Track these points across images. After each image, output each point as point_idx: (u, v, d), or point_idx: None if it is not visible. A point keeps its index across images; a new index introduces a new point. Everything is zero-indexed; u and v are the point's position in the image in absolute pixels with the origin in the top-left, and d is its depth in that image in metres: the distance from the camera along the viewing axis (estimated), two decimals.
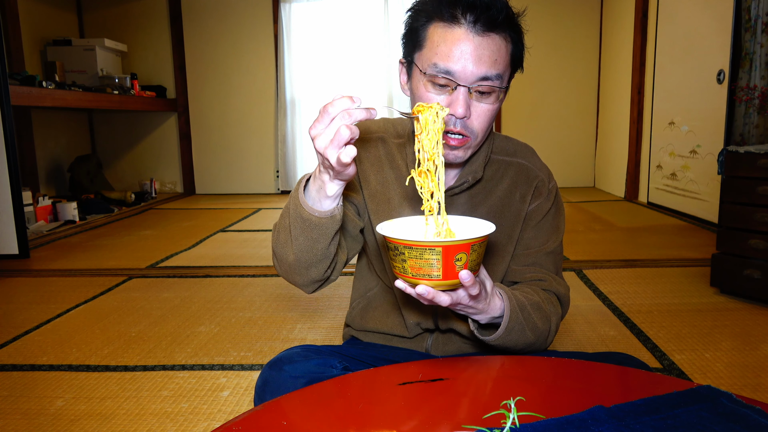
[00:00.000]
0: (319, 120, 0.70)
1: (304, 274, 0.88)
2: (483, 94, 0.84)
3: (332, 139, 0.69)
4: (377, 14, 5.37)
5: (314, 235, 0.82)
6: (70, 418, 1.46)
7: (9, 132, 2.99)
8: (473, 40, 0.81)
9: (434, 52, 0.82)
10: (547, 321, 0.92)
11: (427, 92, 0.84)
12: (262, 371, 0.89)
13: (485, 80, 0.82)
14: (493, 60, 0.82)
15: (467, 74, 0.81)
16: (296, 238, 0.83)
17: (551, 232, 1.00)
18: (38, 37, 4.91)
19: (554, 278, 0.98)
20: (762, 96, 3.06)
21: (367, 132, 1.01)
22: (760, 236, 2.11)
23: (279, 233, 0.88)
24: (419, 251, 0.67)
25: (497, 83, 0.83)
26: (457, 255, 0.67)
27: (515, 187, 0.98)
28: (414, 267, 0.69)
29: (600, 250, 3.06)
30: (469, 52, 0.81)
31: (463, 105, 0.82)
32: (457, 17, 0.81)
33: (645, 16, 4.47)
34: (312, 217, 0.80)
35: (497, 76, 0.83)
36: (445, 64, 0.81)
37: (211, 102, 5.63)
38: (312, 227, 0.81)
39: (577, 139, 5.56)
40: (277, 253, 0.89)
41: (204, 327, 2.08)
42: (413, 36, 0.86)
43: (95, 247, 3.39)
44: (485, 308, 0.81)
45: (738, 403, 0.62)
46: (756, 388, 1.54)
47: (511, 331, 0.84)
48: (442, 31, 0.82)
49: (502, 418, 0.60)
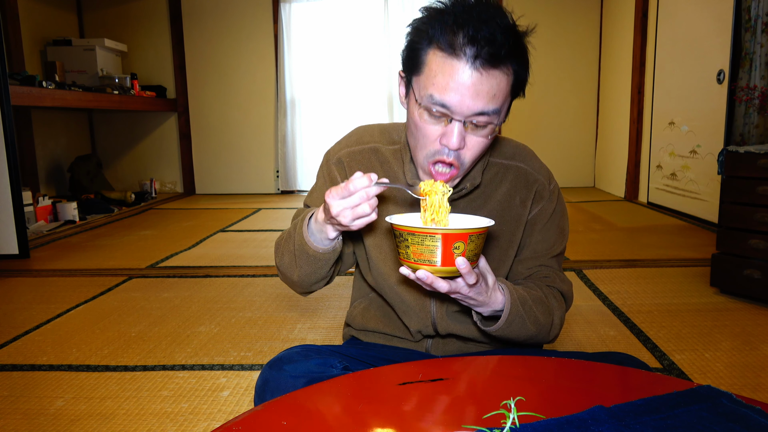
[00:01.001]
0: (338, 189, 0.78)
1: (306, 288, 0.99)
2: (478, 127, 0.82)
3: (351, 207, 0.77)
4: (377, 14, 5.37)
5: (318, 264, 0.91)
6: (70, 418, 1.46)
7: (9, 132, 2.99)
8: (472, 76, 0.77)
9: (431, 81, 0.80)
10: (550, 315, 0.93)
11: (422, 121, 0.83)
12: (262, 371, 0.89)
13: (482, 115, 0.80)
14: (491, 95, 0.79)
15: (463, 109, 0.79)
16: (301, 266, 0.92)
17: (557, 235, 1.00)
18: (38, 37, 4.91)
19: (558, 275, 0.99)
20: (762, 96, 3.06)
21: (359, 143, 1.01)
22: (760, 236, 2.11)
23: (283, 255, 0.96)
24: (421, 237, 0.73)
25: (494, 117, 0.81)
26: (455, 243, 0.73)
27: (515, 192, 0.97)
28: (416, 252, 0.75)
29: (600, 250, 3.06)
30: (466, 86, 0.78)
31: (457, 138, 0.81)
32: (457, 49, 0.77)
33: (645, 16, 4.47)
34: (316, 253, 0.89)
35: (494, 111, 0.81)
36: (441, 96, 0.79)
37: (211, 102, 5.63)
38: (316, 260, 0.90)
39: (577, 139, 5.56)
40: (281, 270, 0.99)
41: (204, 327, 2.08)
42: (413, 56, 0.83)
43: (95, 247, 3.39)
44: (486, 300, 0.84)
45: (738, 403, 0.62)
46: (756, 388, 1.55)
47: (511, 323, 0.88)
48: (441, 61, 0.79)
49: (502, 418, 0.60)
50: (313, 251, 0.88)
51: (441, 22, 0.79)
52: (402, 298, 0.98)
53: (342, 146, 1.02)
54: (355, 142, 1.01)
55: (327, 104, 5.52)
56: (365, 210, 0.77)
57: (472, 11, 0.78)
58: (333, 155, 1.02)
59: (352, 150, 1.00)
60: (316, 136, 5.55)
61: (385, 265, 0.98)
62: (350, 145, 1.01)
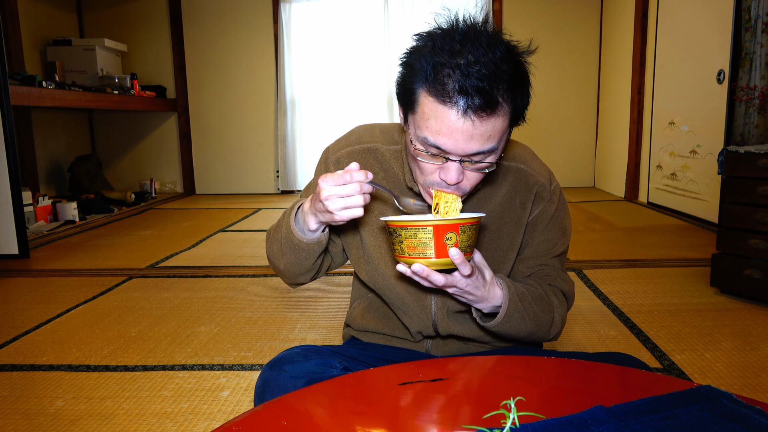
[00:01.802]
0: (333, 176, 0.78)
1: (292, 279, 1.00)
2: (476, 162, 0.80)
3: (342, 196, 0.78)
4: (377, 14, 5.37)
5: (302, 255, 0.92)
6: (70, 418, 1.46)
7: (9, 132, 2.99)
8: (464, 124, 0.74)
9: (425, 124, 0.77)
10: (550, 312, 0.93)
11: (419, 156, 0.81)
12: (262, 371, 0.89)
13: (478, 155, 0.79)
14: (486, 137, 0.76)
15: (458, 150, 0.77)
16: (286, 254, 0.93)
17: (560, 235, 1.00)
18: (38, 37, 4.91)
19: (559, 274, 0.99)
20: (762, 96, 3.06)
21: (359, 142, 1.01)
22: (760, 236, 2.11)
23: (272, 244, 0.98)
24: (413, 231, 0.75)
25: (491, 155, 0.80)
26: (447, 234, 0.74)
27: (515, 193, 0.97)
28: (410, 247, 0.76)
29: (600, 250, 3.06)
30: (459, 132, 0.75)
31: (455, 174, 0.79)
32: (446, 98, 0.74)
33: (645, 16, 4.47)
34: (300, 243, 0.90)
35: (491, 149, 0.78)
36: (435, 140, 0.77)
37: (211, 102, 5.63)
38: (300, 250, 0.91)
39: (577, 139, 5.56)
40: (269, 258, 1.01)
41: (204, 327, 2.08)
42: (405, 93, 0.80)
43: (95, 247, 3.39)
44: (485, 295, 0.85)
45: (738, 403, 0.62)
46: (756, 388, 1.54)
47: (510, 318, 0.88)
48: (433, 106, 0.75)
49: (502, 418, 0.60)
50: (298, 241, 0.89)
51: (430, 63, 0.75)
52: (402, 299, 0.98)
53: (341, 145, 1.01)
54: (355, 141, 1.01)
55: (327, 104, 5.52)
56: (356, 201, 0.78)
57: (462, 50, 0.73)
58: (332, 154, 1.01)
59: (351, 150, 1.00)
60: (316, 136, 5.55)
61: (385, 266, 0.98)
62: (350, 144, 1.01)
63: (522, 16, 5.31)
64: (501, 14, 5.31)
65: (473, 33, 0.75)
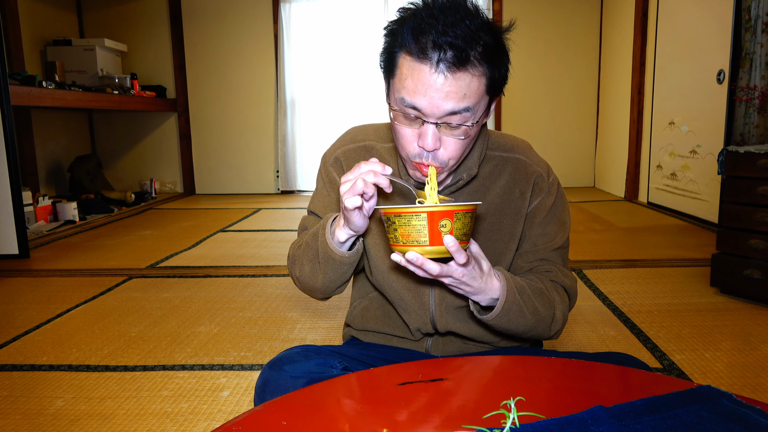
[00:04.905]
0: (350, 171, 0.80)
1: (328, 294, 0.99)
2: (452, 127, 0.82)
3: (350, 189, 0.78)
4: (377, 14, 5.37)
5: (345, 268, 0.92)
6: (70, 418, 1.46)
7: (9, 132, 2.99)
8: (438, 79, 0.78)
9: (402, 84, 0.81)
10: (551, 307, 0.92)
11: (398, 122, 0.84)
12: (262, 371, 0.89)
13: (453, 114, 0.80)
14: (461, 95, 0.79)
15: (434, 110, 0.79)
16: (326, 272, 0.93)
17: (558, 228, 1.00)
18: (38, 37, 4.91)
19: (560, 270, 0.98)
20: (762, 96, 3.06)
21: (354, 141, 1.02)
22: (760, 236, 2.11)
23: (303, 266, 0.96)
24: (407, 218, 0.73)
25: (468, 116, 0.81)
26: (442, 221, 0.72)
27: (514, 184, 0.97)
28: (404, 234, 0.75)
29: (600, 250, 3.06)
30: (434, 89, 0.78)
31: (432, 138, 0.81)
32: (422, 54, 0.78)
33: (645, 16, 4.47)
34: (343, 258, 0.90)
35: (466, 108, 0.80)
36: (412, 99, 0.80)
37: (211, 102, 5.63)
38: (342, 264, 0.91)
39: (577, 139, 5.56)
40: (301, 280, 0.99)
41: (204, 327, 2.08)
42: (387, 58, 0.85)
43: (95, 247, 3.39)
44: (482, 287, 0.84)
45: (738, 403, 0.62)
46: (756, 388, 1.54)
47: (509, 311, 0.87)
48: (410, 65, 0.79)
49: (502, 418, 0.60)
50: (339, 257, 0.89)
51: (410, 26, 0.79)
52: (401, 295, 0.98)
53: (337, 146, 1.04)
54: (350, 141, 1.03)
55: (327, 104, 5.52)
56: (356, 187, 0.78)
57: (440, 15, 0.77)
58: (329, 156, 1.04)
59: (347, 149, 1.02)
60: (316, 136, 5.55)
61: (383, 262, 0.98)
62: (345, 143, 1.03)
63: (522, 16, 5.31)
64: (501, 14, 5.31)
65: (454, 3, 0.79)
